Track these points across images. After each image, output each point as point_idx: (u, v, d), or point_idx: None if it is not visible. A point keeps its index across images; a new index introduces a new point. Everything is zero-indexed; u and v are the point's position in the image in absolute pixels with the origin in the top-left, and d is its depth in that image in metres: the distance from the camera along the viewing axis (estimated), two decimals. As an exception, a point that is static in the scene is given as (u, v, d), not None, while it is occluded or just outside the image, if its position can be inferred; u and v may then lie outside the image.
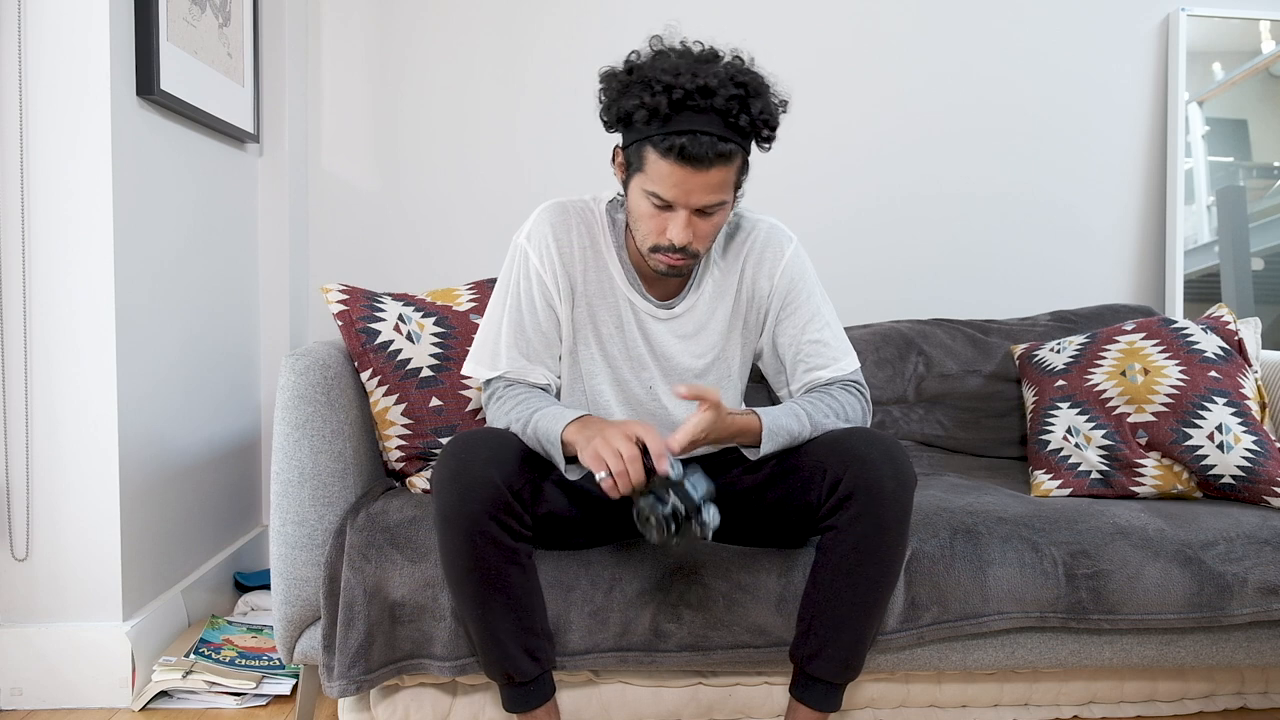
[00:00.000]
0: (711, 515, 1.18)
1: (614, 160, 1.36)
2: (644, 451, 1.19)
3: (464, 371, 1.48)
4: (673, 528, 1.18)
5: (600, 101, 1.32)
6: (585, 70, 2.28)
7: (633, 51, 1.31)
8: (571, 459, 1.30)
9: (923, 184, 2.44)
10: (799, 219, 2.36)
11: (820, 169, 2.41)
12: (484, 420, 1.51)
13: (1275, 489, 1.62)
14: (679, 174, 1.24)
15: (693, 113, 1.22)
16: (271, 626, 1.89)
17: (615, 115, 1.29)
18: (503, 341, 1.43)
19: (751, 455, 1.36)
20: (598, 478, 1.19)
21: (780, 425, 1.34)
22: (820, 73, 2.40)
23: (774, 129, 1.29)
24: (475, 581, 1.26)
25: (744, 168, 1.32)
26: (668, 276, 1.39)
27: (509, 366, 1.42)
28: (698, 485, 1.18)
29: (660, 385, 1.47)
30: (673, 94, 1.21)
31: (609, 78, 1.31)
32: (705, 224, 1.31)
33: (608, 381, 1.47)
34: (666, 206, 1.28)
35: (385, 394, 1.56)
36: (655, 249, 1.33)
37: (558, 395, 1.49)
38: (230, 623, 1.92)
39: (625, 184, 1.35)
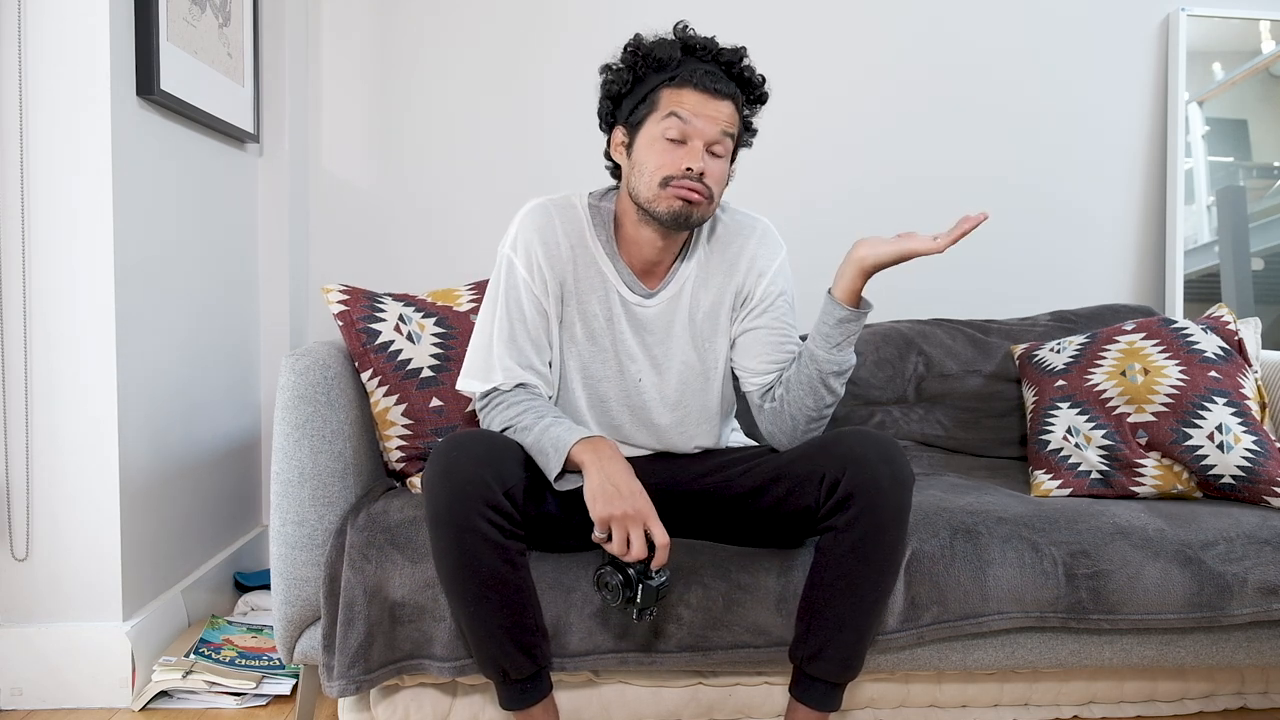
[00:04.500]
0: (652, 614, 1.30)
1: (610, 143, 1.45)
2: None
3: (458, 387, 1.47)
4: (620, 603, 1.28)
5: (610, 76, 1.42)
6: (584, 67, 2.28)
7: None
8: (563, 472, 1.31)
9: (922, 185, 2.44)
10: (797, 217, 2.36)
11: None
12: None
13: (1275, 489, 1.62)
14: (697, 99, 1.36)
15: (700, 60, 1.38)
16: (271, 626, 1.89)
17: (641, 68, 1.39)
18: (495, 352, 1.42)
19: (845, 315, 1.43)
20: (597, 535, 1.26)
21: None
22: (812, 83, 2.40)
23: (760, 89, 1.43)
24: (468, 580, 1.26)
25: (740, 130, 1.42)
26: (675, 225, 1.39)
27: (504, 378, 1.41)
28: (663, 588, 1.28)
29: (649, 377, 1.48)
30: (686, 43, 1.39)
31: (616, 61, 1.42)
32: (714, 164, 1.38)
33: (596, 376, 1.48)
34: (680, 142, 1.36)
35: (386, 394, 1.56)
36: (668, 180, 1.36)
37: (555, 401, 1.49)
38: (230, 623, 1.92)
39: (629, 150, 1.41)
